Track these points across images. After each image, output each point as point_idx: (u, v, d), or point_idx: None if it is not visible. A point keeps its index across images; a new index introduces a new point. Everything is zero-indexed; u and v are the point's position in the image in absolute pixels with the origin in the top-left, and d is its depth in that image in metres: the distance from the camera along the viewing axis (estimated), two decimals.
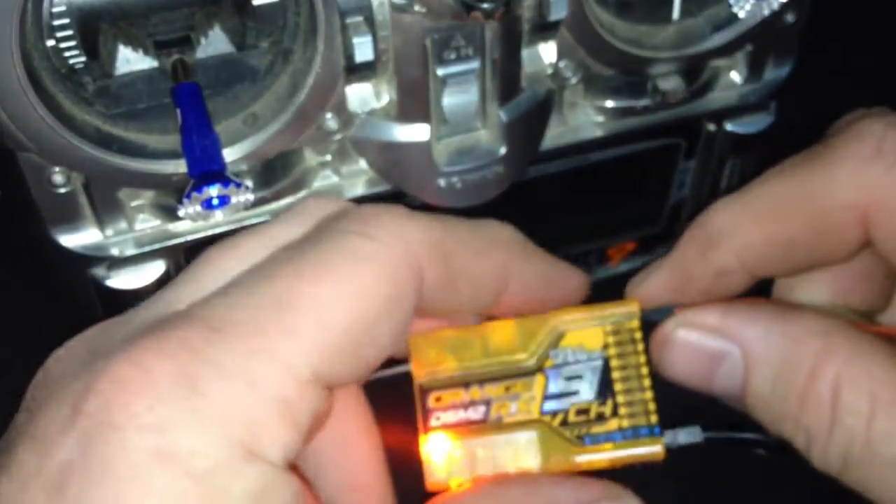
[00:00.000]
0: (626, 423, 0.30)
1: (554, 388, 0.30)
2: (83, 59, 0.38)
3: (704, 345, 0.29)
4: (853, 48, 0.62)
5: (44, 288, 0.51)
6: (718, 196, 0.32)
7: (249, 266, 0.28)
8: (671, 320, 0.30)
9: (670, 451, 0.30)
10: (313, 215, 0.30)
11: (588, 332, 0.31)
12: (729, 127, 0.48)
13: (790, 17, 0.44)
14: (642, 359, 0.30)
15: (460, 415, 0.30)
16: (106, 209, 0.41)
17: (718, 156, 0.50)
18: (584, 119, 0.46)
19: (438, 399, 0.30)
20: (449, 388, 0.30)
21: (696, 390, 0.31)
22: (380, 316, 0.27)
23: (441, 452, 0.30)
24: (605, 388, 0.30)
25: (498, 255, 0.31)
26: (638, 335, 0.31)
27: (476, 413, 0.30)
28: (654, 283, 0.32)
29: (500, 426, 0.30)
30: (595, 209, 0.52)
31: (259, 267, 0.28)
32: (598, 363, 0.30)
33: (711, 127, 0.48)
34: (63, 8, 0.36)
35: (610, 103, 0.46)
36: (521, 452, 0.30)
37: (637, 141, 0.48)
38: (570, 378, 0.30)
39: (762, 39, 0.45)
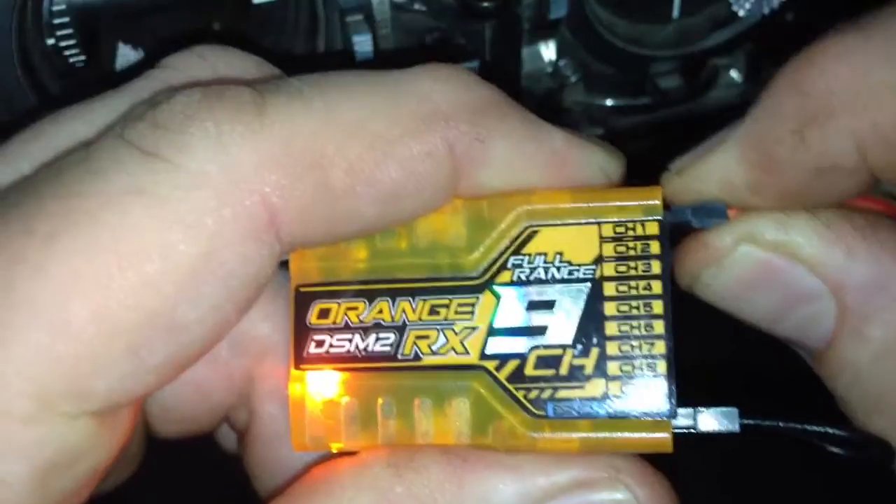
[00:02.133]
0: (616, 388, 0.18)
1: (508, 317, 0.18)
2: (83, 58, 0.38)
3: (784, 276, 0.19)
4: None
5: None
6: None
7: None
8: (727, 228, 0.19)
9: (684, 441, 0.18)
10: (164, 82, 0.20)
11: (574, 232, 0.19)
12: None
13: (790, 16, 0.44)
14: (657, 286, 0.18)
15: (355, 342, 0.19)
16: None
17: None
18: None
19: (324, 312, 0.19)
20: (343, 298, 0.19)
21: (747, 324, 0.20)
22: (178, 296, 0.17)
23: (319, 400, 0.19)
24: (591, 327, 0.18)
25: (431, 137, 0.19)
26: (655, 246, 0.18)
27: (381, 343, 0.19)
28: (709, 169, 0.19)
29: (416, 367, 0.19)
30: None
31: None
32: (585, 286, 0.18)
33: None
34: (63, 7, 0.36)
35: (610, 102, 0.46)
36: (444, 415, 0.18)
37: None
38: (535, 305, 0.18)
39: (762, 38, 0.45)
